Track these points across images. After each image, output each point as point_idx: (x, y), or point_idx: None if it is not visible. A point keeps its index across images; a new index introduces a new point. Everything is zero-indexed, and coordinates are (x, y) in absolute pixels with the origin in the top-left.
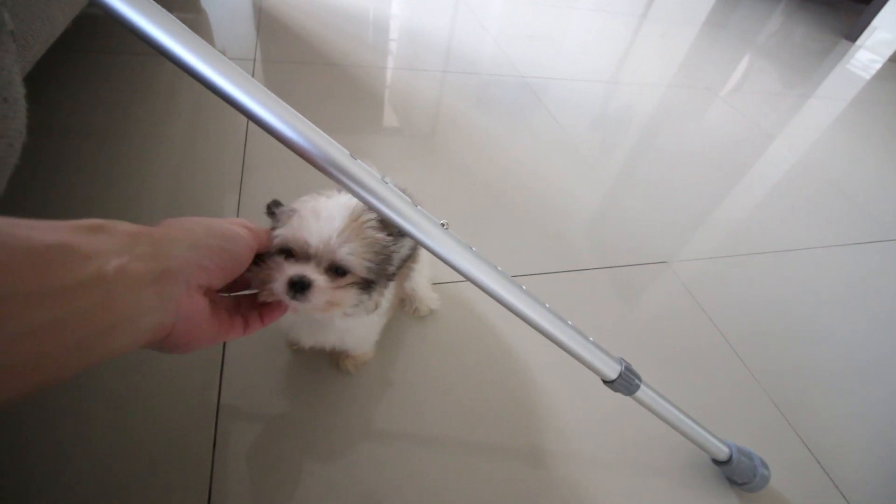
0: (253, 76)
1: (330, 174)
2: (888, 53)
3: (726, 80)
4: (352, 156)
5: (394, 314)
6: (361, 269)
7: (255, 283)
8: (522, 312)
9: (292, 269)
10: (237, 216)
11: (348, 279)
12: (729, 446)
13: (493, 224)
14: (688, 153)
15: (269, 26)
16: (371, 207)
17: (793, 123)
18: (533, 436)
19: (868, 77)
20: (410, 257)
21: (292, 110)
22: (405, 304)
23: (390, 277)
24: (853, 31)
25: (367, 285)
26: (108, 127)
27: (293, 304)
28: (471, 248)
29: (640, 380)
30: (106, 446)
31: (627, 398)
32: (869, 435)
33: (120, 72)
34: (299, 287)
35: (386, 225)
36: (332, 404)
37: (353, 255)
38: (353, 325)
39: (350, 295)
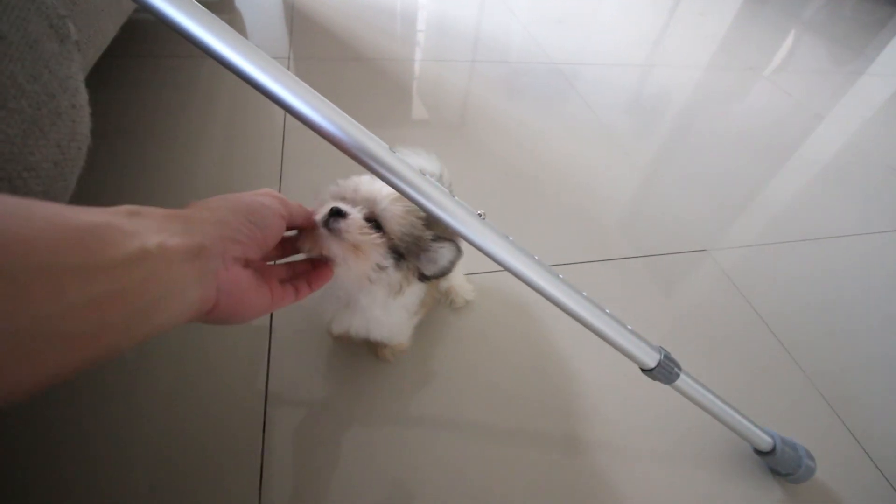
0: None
1: (368, 166)
2: None
3: (770, 58)
4: (391, 148)
5: (433, 307)
6: (394, 232)
7: (304, 247)
8: (560, 301)
9: (335, 203)
10: None
11: (380, 235)
12: (772, 436)
13: (528, 213)
14: (729, 137)
15: (301, 24)
16: (409, 198)
17: (844, 102)
18: (570, 424)
19: None
20: (448, 270)
21: (332, 105)
22: (442, 299)
23: (421, 278)
24: None
25: (394, 256)
26: (153, 127)
27: (324, 234)
28: (508, 237)
29: (679, 368)
30: (159, 434)
31: (667, 387)
32: None
33: (163, 74)
34: (336, 213)
35: (430, 224)
36: (373, 391)
37: (391, 216)
38: (379, 314)
39: (375, 251)
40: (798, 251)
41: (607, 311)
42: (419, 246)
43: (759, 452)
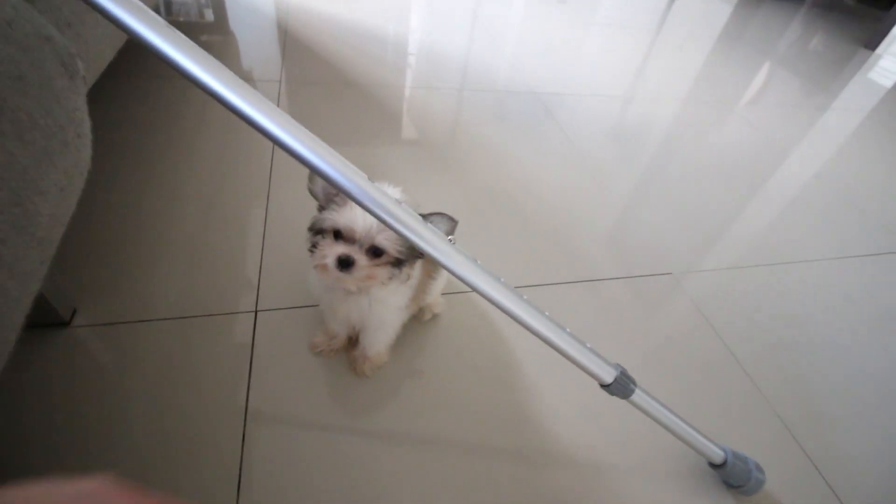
0: (279, 96)
1: (350, 195)
2: None
3: (742, 92)
4: (369, 179)
5: (408, 321)
6: (393, 251)
7: (313, 259)
8: (524, 320)
9: (340, 249)
10: (264, 228)
11: (383, 259)
12: (724, 450)
13: (505, 234)
14: (701, 168)
15: (293, 48)
16: (387, 225)
17: (809, 136)
18: (536, 438)
19: (889, 86)
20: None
21: (314, 136)
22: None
23: (419, 255)
24: (873, 40)
25: (398, 263)
26: (144, 145)
27: (339, 275)
28: (476, 260)
29: (635, 384)
30: (137, 449)
31: (628, 405)
32: (872, 446)
33: (156, 93)
34: (345, 263)
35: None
36: (349, 406)
37: (388, 241)
38: (385, 295)
39: (384, 271)
40: (759, 275)
41: (567, 330)
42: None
43: (712, 465)
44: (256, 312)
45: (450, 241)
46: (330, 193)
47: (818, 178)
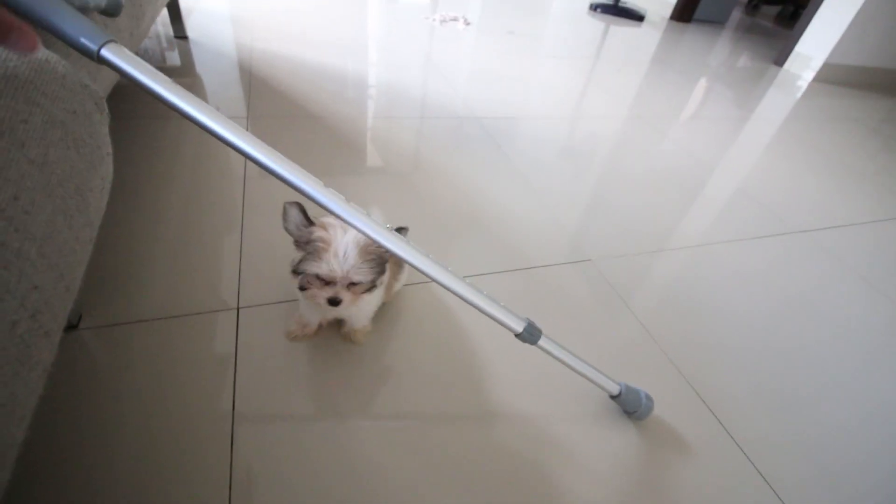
0: (246, 128)
1: (310, 197)
2: (812, 74)
3: (672, 109)
4: (325, 185)
5: (384, 305)
6: (368, 281)
7: (305, 297)
8: (448, 284)
9: (328, 293)
10: (240, 256)
11: (361, 287)
12: (619, 384)
13: (461, 241)
14: (634, 176)
15: (258, 87)
16: (342, 219)
17: (725, 146)
18: (482, 402)
19: (796, 97)
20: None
21: (274, 151)
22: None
23: (382, 271)
24: (780, 57)
25: (373, 284)
26: (120, 181)
27: (332, 310)
28: (421, 250)
29: (541, 332)
30: (125, 456)
31: (551, 361)
32: (751, 383)
33: (131, 133)
34: (334, 302)
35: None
36: (331, 394)
37: (361, 275)
38: (365, 297)
39: (363, 294)
40: (667, 258)
41: (484, 291)
42: (382, 260)
43: (612, 397)
44: (238, 310)
45: (399, 230)
46: (304, 232)
47: (732, 183)
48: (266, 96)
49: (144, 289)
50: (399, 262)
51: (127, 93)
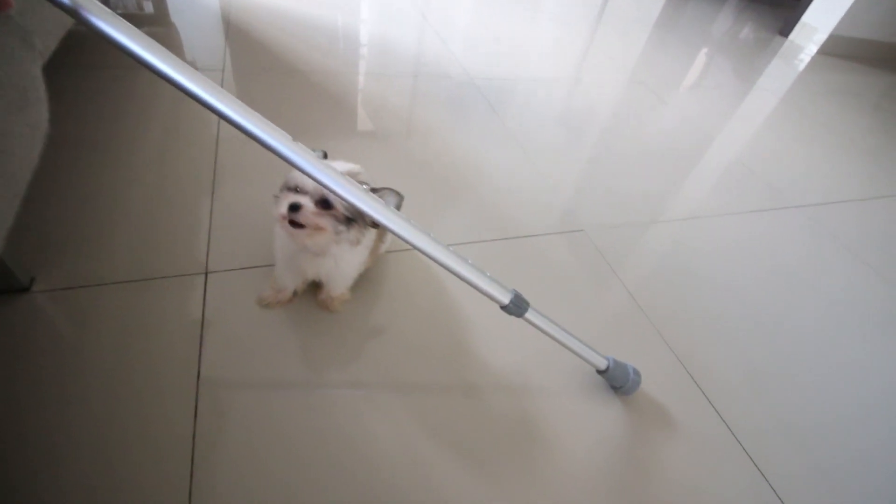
0: (222, 84)
1: (275, 151)
2: (816, 47)
3: (673, 78)
4: (293, 139)
5: (367, 271)
6: (340, 206)
7: (275, 210)
8: (430, 252)
9: (293, 197)
10: (210, 218)
11: (332, 212)
12: (607, 359)
13: (454, 204)
14: (632, 146)
15: (238, 39)
16: (326, 187)
17: (726, 116)
18: (467, 372)
19: (800, 69)
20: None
21: (248, 108)
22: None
23: (373, 225)
24: (786, 27)
25: (346, 221)
26: (89, 137)
27: (290, 217)
28: (403, 216)
29: (528, 305)
30: (86, 425)
31: (540, 337)
32: (740, 359)
33: (99, 85)
34: (294, 207)
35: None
36: (301, 361)
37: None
38: (342, 253)
39: (331, 222)
40: (662, 229)
41: (470, 261)
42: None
43: (599, 372)
44: (207, 274)
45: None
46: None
47: (733, 154)
48: (247, 48)
49: (106, 250)
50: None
51: (88, 39)
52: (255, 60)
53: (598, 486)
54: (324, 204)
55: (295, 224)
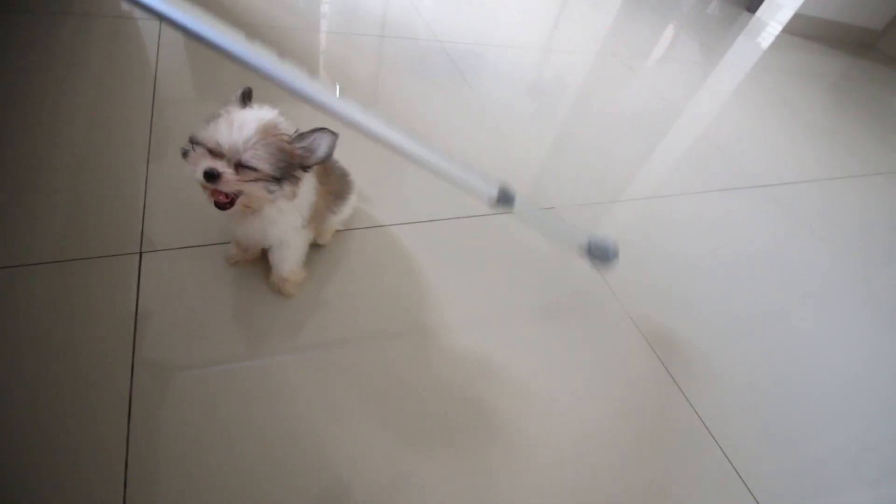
0: (160, 35)
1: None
2: (781, 25)
3: (646, 49)
4: (246, 37)
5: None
6: (265, 168)
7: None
8: (417, 155)
9: (207, 163)
10: (145, 187)
11: (255, 175)
12: (586, 236)
13: (420, 178)
14: (602, 117)
15: None
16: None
17: (695, 92)
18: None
19: (764, 47)
20: (328, 156)
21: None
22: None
23: (305, 169)
24: (753, 3)
25: (274, 181)
26: (9, 90)
27: (209, 187)
28: (366, 110)
29: (515, 196)
30: (28, 400)
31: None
32: (704, 336)
33: (19, 32)
34: (211, 176)
35: (300, 136)
36: (243, 340)
37: (256, 158)
38: (276, 215)
39: (257, 187)
40: (633, 208)
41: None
42: (293, 160)
43: (580, 251)
44: (141, 254)
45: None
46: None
47: (697, 129)
48: (198, 1)
49: (29, 227)
50: (337, 192)
51: None
52: (207, 13)
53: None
54: (244, 168)
55: (220, 202)
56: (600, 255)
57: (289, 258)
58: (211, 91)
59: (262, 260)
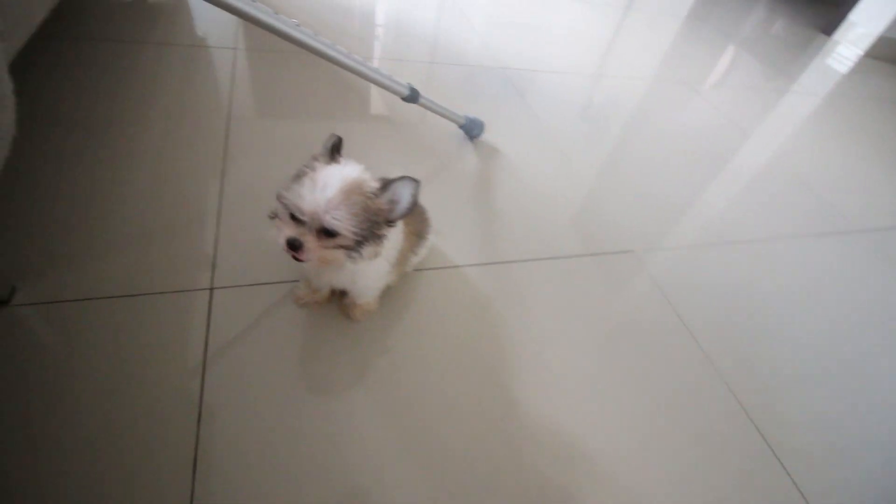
0: (234, 63)
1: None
2: (863, 48)
3: (706, 73)
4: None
5: (396, 282)
6: (347, 233)
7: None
8: (337, 59)
9: (289, 231)
10: (219, 202)
11: (337, 241)
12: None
13: (472, 209)
14: (664, 147)
15: None
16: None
17: (768, 118)
18: (498, 370)
19: (843, 71)
20: (412, 205)
21: None
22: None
23: (390, 224)
24: (829, 26)
25: (356, 244)
26: (92, 114)
27: (293, 256)
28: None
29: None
30: (91, 436)
31: None
32: (809, 412)
33: (102, 59)
34: (294, 246)
35: (384, 186)
36: (312, 386)
37: (339, 221)
38: (363, 267)
39: (338, 253)
40: (717, 253)
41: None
42: (377, 218)
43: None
44: (212, 290)
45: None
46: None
47: (774, 160)
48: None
49: (97, 260)
50: (418, 233)
51: (88, 7)
52: (267, 39)
53: None
54: (326, 232)
55: (298, 258)
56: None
57: (367, 296)
58: (285, 124)
59: (330, 302)
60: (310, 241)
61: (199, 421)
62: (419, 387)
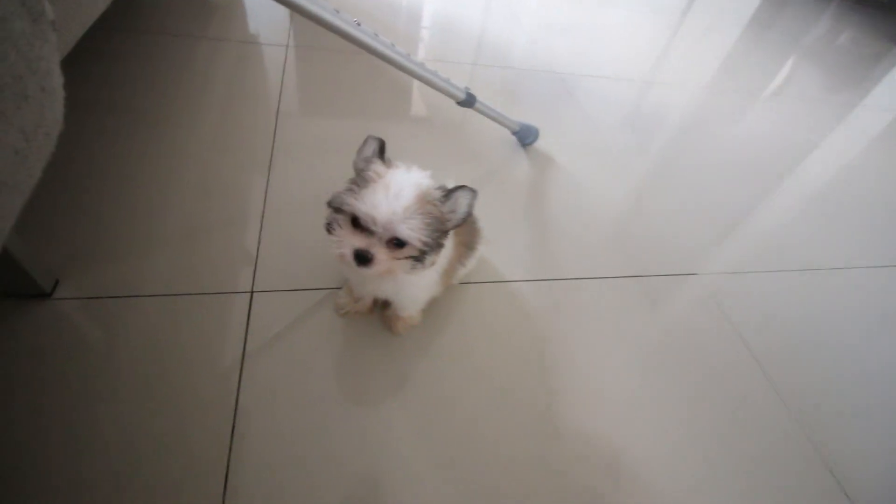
0: (285, 62)
1: None
2: None
3: (767, 83)
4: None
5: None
6: (418, 243)
7: (330, 245)
8: (396, 61)
9: (358, 242)
10: (265, 198)
11: (406, 251)
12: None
13: (517, 221)
14: (724, 159)
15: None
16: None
17: (836, 133)
18: (546, 393)
19: None
20: (468, 214)
21: None
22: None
23: (446, 232)
24: None
25: (421, 255)
26: (145, 104)
27: (357, 269)
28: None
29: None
30: (130, 431)
31: None
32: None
33: (158, 51)
34: (363, 259)
35: (445, 197)
36: (348, 394)
37: (413, 231)
38: (411, 278)
39: (406, 264)
40: (786, 281)
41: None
42: (442, 227)
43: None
44: (252, 294)
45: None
46: (364, 164)
47: (844, 179)
48: (310, 26)
49: (141, 256)
50: (468, 244)
51: (153, 3)
52: (317, 38)
53: None
54: (396, 242)
55: (362, 263)
56: (530, 136)
57: (412, 308)
58: (329, 123)
59: (372, 312)
60: (381, 253)
61: (234, 420)
62: (458, 402)
